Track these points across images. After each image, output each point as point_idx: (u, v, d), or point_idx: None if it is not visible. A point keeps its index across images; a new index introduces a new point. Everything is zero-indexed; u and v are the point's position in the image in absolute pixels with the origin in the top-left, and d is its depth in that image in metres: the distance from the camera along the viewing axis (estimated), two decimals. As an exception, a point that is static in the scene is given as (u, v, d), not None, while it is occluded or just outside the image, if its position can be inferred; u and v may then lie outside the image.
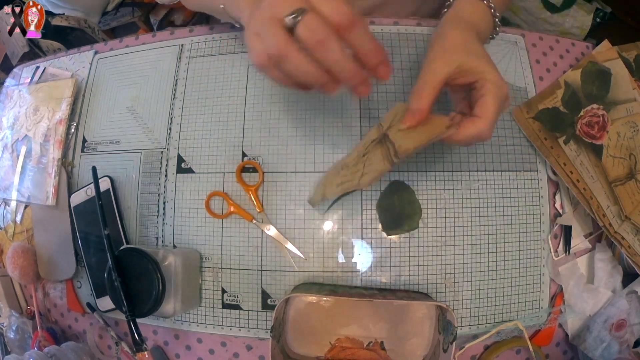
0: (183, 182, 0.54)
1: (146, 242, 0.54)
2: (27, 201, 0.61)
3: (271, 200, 0.52)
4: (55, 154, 0.59)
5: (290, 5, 0.31)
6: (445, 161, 0.51)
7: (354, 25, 0.31)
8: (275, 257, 0.51)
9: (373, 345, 0.50)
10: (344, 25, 0.30)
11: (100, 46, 0.64)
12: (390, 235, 0.50)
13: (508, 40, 0.57)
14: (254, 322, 0.51)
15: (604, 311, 0.49)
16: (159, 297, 0.43)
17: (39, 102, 0.62)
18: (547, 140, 0.51)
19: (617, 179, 0.52)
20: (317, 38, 0.30)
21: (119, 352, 0.54)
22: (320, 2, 0.31)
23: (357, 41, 0.32)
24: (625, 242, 0.49)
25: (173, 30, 0.61)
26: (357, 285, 0.50)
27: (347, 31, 0.31)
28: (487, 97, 0.38)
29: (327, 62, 0.31)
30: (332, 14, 0.30)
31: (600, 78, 0.55)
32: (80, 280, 0.57)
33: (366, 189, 0.51)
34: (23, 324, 0.58)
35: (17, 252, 0.57)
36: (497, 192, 0.51)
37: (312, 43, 0.30)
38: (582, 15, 1.05)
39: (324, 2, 0.30)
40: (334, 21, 0.30)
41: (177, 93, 0.57)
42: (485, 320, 0.50)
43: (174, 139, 0.56)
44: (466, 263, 0.50)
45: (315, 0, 0.31)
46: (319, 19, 0.30)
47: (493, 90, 0.38)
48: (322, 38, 0.30)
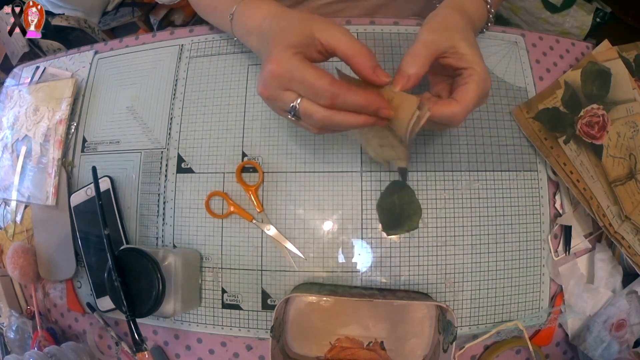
0: (183, 182, 0.54)
1: (146, 242, 0.54)
2: (27, 201, 0.61)
3: (271, 200, 0.52)
4: (55, 154, 0.59)
5: (284, 101, 0.36)
6: (445, 161, 0.51)
7: (338, 98, 0.34)
8: (275, 257, 0.51)
9: (373, 345, 0.50)
10: (330, 105, 0.34)
11: (100, 46, 0.64)
12: (390, 235, 0.50)
13: (508, 40, 0.57)
14: (254, 322, 0.51)
15: (604, 311, 0.49)
16: (159, 297, 0.43)
17: (39, 102, 0.62)
18: (547, 140, 0.51)
19: (617, 179, 0.52)
20: (319, 123, 0.36)
21: (119, 352, 0.54)
22: (301, 91, 0.35)
23: (348, 106, 0.35)
24: (625, 242, 0.49)
25: (173, 30, 0.61)
26: (357, 285, 0.50)
27: (337, 105, 0.34)
28: (471, 86, 0.38)
29: (338, 128, 0.37)
30: (318, 101, 0.34)
31: (600, 78, 0.55)
32: (80, 280, 0.57)
33: (366, 189, 0.51)
34: (23, 324, 0.58)
35: (17, 252, 0.57)
36: (497, 192, 0.51)
37: (318, 126, 0.37)
38: (582, 15, 1.05)
39: (304, 90, 0.35)
40: (321, 105, 0.35)
41: (177, 93, 0.57)
42: (485, 320, 0.50)
43: (174, 139, 0.56)
44: (466, 263, 0.50)
45: (297, 90, 0.35)
46: (312, 107, 0.35)
47: (478, 81, 0.38)
48: (322, 120, 0.35)
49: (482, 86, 0.38)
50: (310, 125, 0.37)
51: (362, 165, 0.52)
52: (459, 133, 0.52)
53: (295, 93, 0.35)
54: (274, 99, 0.37)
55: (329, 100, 0.34)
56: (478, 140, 0.52)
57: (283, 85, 0.35)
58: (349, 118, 0.35)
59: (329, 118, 0.35)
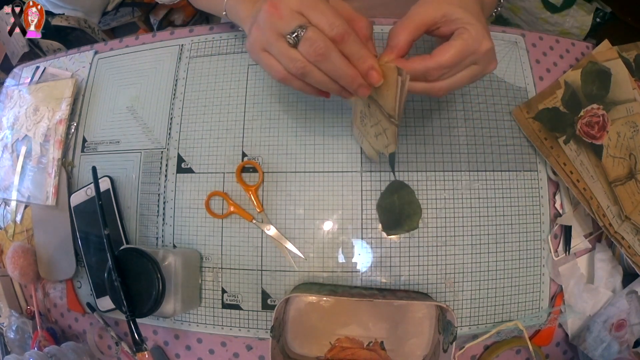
0: (183, 182, 0.54)
1: (146, 242, 0.54)
2: (27, 201, 0.60)
3: (271, 200, 0.52)
4: (55, 154, 0.59)
5: (290, 22, 0.34)
6: (445, 161, 0.51)
7: (348, 37, 0.33)
8: (275, 257, 0.51)
9: (373, 345, 0.50)
10: (338, 39, 0.33)
11: (100, 46, 0.64)
12: (390, 235, 0.50)
13: (508, 40, 0.57)
14: (254, 322, 0.51)
15: (604, 311, 0.49)
16: (159, 297, 0.43)
17: (39, 102, 0.62)
18: (547, 140, 0.51)
19: (617, 179, 0.52)
20: (318, 52, 0.33)
21: (119, 352, 0.54)
22: (316, 18, 0.34)
23: (349, 51, 0.34)
24: (625, 242, 0.49)
25: (173, 30, 0.61)
26: (357, 285, 0.50)
27: (341, 43, 0.34)
28: (454, 42, 0.35)
29: (328, 71, 0.35)
30: (328, 30, 0.33)
31: (600, 78, 0.55)
32: (80, 280, 0.57)
33: (366, 189, 0.51)
34: (23, 324, 0.58)
35: (17, 252, 0.57)
36: (497, 192, 0.51)
37: (314, 57, 0.34)
38: (582, 15, 1.05)
39: (320, 18, 0.34)
40: (329, 35, 0.33)
41: (177, 93, 0.57)
42: (485, 320, 0.50)
43: (174, 139, 0.56)
44: (466, 263, 0.50)
45: (311, 16, 0.34)
46: (318, 35, 0.33)
47: (467, 39, 0.35)
48: (323, 52, 0.33)
49: (470, 45, 0.35)
50: (304, 56, 0.34)
51: (362, 165, 0.52)
52: (459, 133, 0.52)
53: (306, 19, 0.34)
54: (282, 17, 0.34)
55: (341, 32, 0.33)
56: (478, 140, 0.52)
57: (300, 8, 0.34)
58: (343, 65, 0.34)
59: (330, 52, 0.34)
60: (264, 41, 0.36)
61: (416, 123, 0.53)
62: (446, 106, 0.53)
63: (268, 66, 0.37)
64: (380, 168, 0.51)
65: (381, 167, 0.51)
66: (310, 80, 0.36)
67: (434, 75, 0.36)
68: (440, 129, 0.52)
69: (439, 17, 0.36)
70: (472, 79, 0.38)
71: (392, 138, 0.41)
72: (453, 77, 0.37)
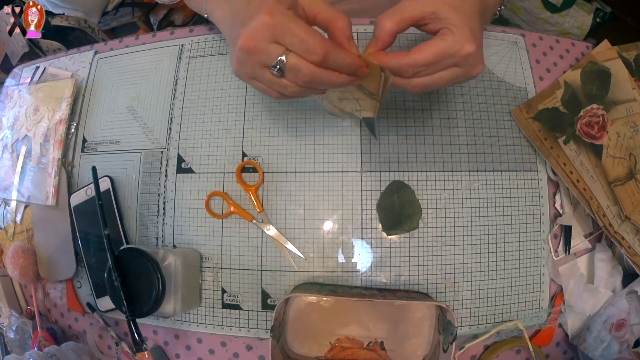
0: (183, 182, 0.54)
1: (146, 242, 0.54)
2: (27, 201, 0.60)
3: (271, 200, 0.52)
4: (55, 154, 0.59)
5: (269, 55, 0.34)
6: (445, 161, 0.51)
7: (328, 57, 0.33)
8: (275, 257, 0.51)
9: (373, 345, 0.50)
10: (319, 63, 0.34)
11: (100, 46, 0.64)
12: (390, 235, 0.50)
13: (508, 40, 0.57)
14: (254, 322, 0.51)
15: (604, 311, 0.49)
16: (159, 297, 0.43)
17: (39, 102, 0.62)
18: (547, 141, 0.51)
19: (617, 179, 0.52)
20: (304, 80, 0.34)
21: (119, 352, 0.54)
22: (292, 44, 0.33)
23: (333, 64, 0.34)
24: (625, 242, 0.49)
25: (173, 30, 0.61)
26: (357, 285, 0.50)
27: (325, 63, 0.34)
28: (434, 42, 0.35)
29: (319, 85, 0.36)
30: (307, 57, 0.33)
31: (600, 78, 0.55)
32: (80, 280, 0.57)
33: (366, 189, 0.51)
34: (23, 324, 0.58)
35: (17, 252, 0.57)
36: (497, 192, 0.51)
37: (302, 83, 0.35)
38: (582, 15, 1.05)
39: (295, 44, 0.33)
40: (310, 61, 0.34)
41: (177, 93, 0.57)
42: (485, 320, 0.50)
43: (174, 139, 0.56)
44: (466, 263, 0.50)
45: (287, 43, 0.33)
46: (300, 62, 0.34)
47: (450, 41, 0.35)
48: (309, 79, 0.34)
49: (450, 47, 0.34)
50: (293, 82, 0.35)
51: (362, 165, 0.52)
52: (459, 133, 0.52)
53: (283, 47, 0.34)
54: (258, 51, 0.34)
55: (320, 57, 0.33)
56: (478, 140, 0.52)
57: (274, 37, 0.33)
58: (333, 76, 0.35)
59: (316, 75, 0.34)
60: (250, 72, 0.37)
61: (416, 123, 0.53)
62: (446, 106, 0.53)
63: (262, 92, 0.38)
64: (381, 168, 0.51)
65: (381, 168, 0.51)
66: (308, 93, 0.38)
67: (408, 72, 0.36)
68: (440, 129, 0.52)
69: (428, 13, 0.36)
70: (452, 81, 0.38)
71: (370, 107, 0.42)
72: (430, 77, 0.37)
